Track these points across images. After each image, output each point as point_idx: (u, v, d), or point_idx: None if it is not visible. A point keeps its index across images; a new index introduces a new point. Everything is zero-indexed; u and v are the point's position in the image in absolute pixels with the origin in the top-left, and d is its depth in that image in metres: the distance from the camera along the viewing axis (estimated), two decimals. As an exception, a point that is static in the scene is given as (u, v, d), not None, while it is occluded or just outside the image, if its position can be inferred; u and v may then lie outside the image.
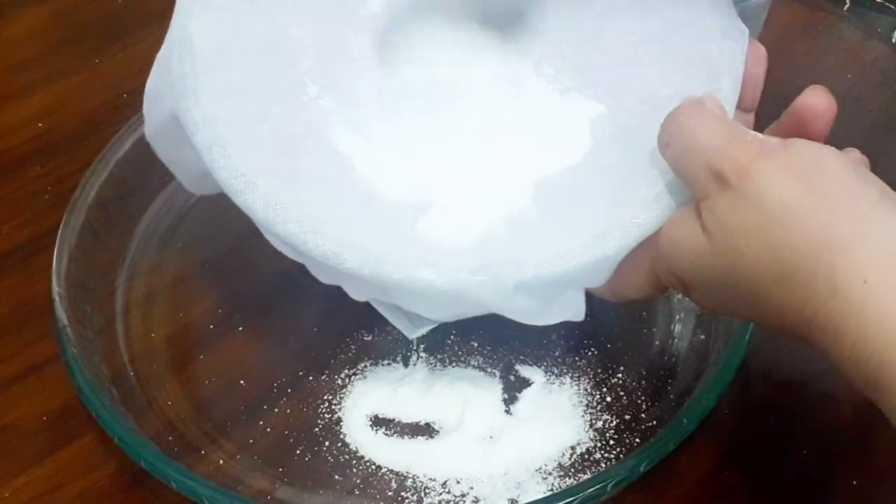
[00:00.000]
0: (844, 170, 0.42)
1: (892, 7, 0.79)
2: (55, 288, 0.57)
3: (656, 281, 0.48)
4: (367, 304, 0.53)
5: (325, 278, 0.52)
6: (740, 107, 0.51)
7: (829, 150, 0.43)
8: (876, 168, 0.45)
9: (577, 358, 0.57)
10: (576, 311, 0.52)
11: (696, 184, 0.45)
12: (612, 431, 0.54)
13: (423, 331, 0.55)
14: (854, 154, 0.46)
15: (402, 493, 0.52)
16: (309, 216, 0.49)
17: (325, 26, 0.53)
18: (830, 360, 0.42)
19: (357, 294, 0.52)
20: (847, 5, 0.79)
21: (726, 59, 0.50)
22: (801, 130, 0.47)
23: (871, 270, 0.40)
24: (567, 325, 0.58)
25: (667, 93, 0.49)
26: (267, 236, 0.50)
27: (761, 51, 0.51)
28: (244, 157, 0.49)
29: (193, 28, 0.51)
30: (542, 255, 0.48)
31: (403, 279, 0.48)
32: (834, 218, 0.41)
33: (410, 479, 0.53)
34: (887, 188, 0.42)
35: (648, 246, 0.48)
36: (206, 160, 0.50)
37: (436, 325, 0.54)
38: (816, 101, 0.47)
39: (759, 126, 0.50)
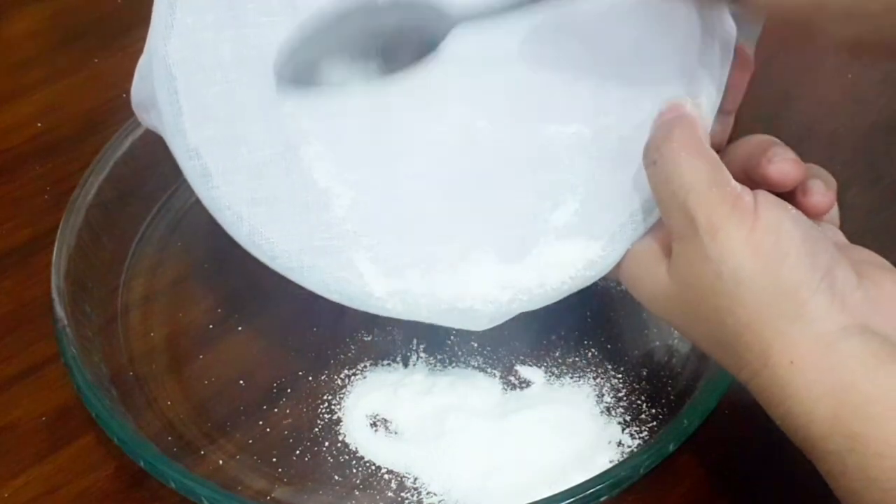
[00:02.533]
0: (799, 249, 0.44)
1: (893, 7, 0.79)
2: (54, 288, 0.57)
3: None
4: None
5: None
6: (721, 110, 0.51)
7: (792, 224, 0.45)
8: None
9: (577, 358, 0.57)
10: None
11: (671, 217, 0.47)
12: (613, 432, 0.54)
13: None
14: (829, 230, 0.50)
15: (402, 494, 0.52)
16: (292, 250, 0.52)
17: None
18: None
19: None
20: (847, 5, 0.79)
21: (708, 67, 0.50)
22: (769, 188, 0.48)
23: (797, 352, 0.43)
24: (567, 325, 0.58)
25: (647, 105, 0.50)
26: None
27: (747, 56, 0.52)
28: (228, 186, 0.52)
29: (169, 46, 0.52)
30: (497, 301, 0.52)
31: (379, 310, 0.52)
32: (776, 300, 0.44)
33: (410, 480, 0.53)
34: (832, 268, 0.45)
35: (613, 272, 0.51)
36: (195, 189, 0.52)
37: None
38: (784, 175, 0.48)
39: (751, 128, 0.51)
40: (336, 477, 0.53)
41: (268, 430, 0.55)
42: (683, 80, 0.50)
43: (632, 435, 0.54)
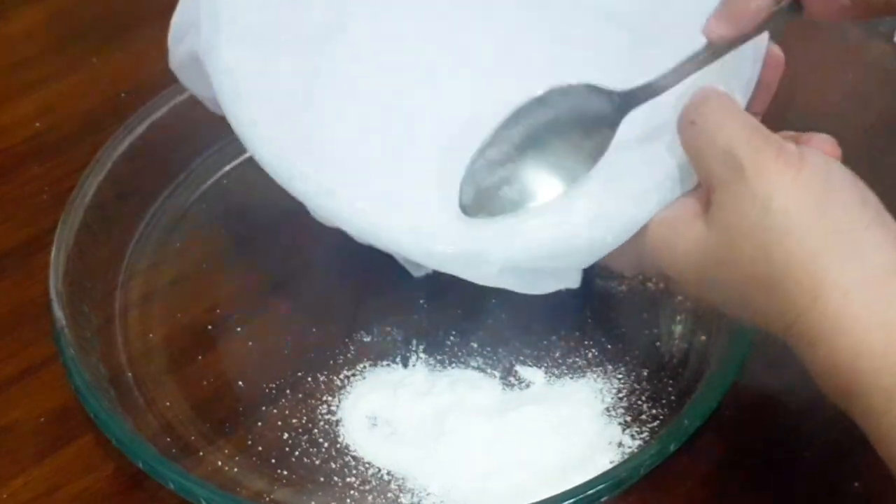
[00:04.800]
0: (849, 190, 0.44)
1: (893, 7, 0.79)
2: (53, 288, 0.57)
3: (639, 269, 0.52)
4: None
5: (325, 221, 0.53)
6: (749, 111, 0.50)
7: (839, 168, 0.45)
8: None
9: (577, 358, 0.57)
10: (572, 279, 0.52)
11: (710, 169, 0.45)
12: (613, 432, 0.54)
13: (425, 271, 0.56)
14: None
15: (401, 495, 0.52)
16: (317, 175, 0.51)
17: None
18: (805, 365, 0.44)
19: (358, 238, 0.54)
20: (847, 5, 0.79)
21: (740, 63, 0.50)
22: None
23: (853, 285, 0.42)
24: (567, 326, 0.58)
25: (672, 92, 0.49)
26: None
27: (778, 56, 0.52)
28: (257, 106, 0.52)
29: None
30: (526, 241, 0.49)
31: (389, 243, 0.50)
32: (829, 234, 0.43)
33: (409, 481, 0.53)
34: (881, 208, 0.44)
35: (636, 241, 0.49)
36: (222, 105, 0.52)
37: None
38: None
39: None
40: (335, 478, 0.53)
41: (267, 430, 0.55)
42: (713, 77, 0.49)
43: (632, 435, 0.54)
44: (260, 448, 0.54)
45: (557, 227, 0.49)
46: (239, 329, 0.60)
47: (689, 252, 0.47)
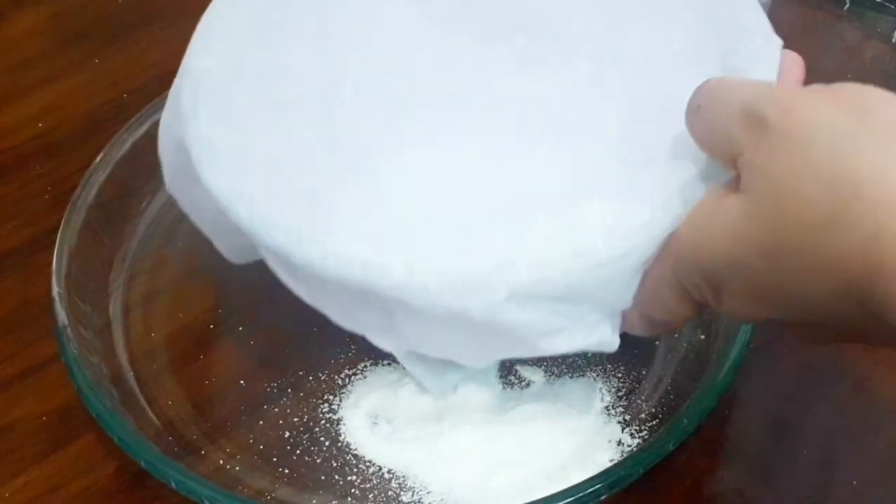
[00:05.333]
0: (892, 100, 0.39)
1: (892, 7, 0.79)
2: (55, 288, 0.57)
3: (682, 292, 0.44)
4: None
5: (307, 297, 0.51)
6: None
7: (873, 87, 0.40)
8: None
9: (576, 357, 0.57)
10: (604, 338, 0.48)
11: (728, 141, 0.41)
12: (612, 431, 0.54)
13: (453, 384, 0.55)
14: None
15: (402, 493, 0.52)
16: (290, 225, 0.48)
17: (327, 51, 0.53)
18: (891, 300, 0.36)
19: (343, 320, 0.52)
20: (847, 5, 0.79)
21: (756, 69, 0.47)
22: None
23: None
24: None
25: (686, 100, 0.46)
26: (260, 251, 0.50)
27: (795, 58, 0.48)
28: (236, 174, 0.49)
29: (199, 62, 0.53)
30: (535, 259, 0.45)
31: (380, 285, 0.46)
32: (891, 143, 0.37)
33: (410, 479, 0.53)
34: None
35: (669, 250, 0.44)
36: (201, 175, 0.50)
37: (463, 373, 0.54)
38: None
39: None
40: (336, 476, 0.53)
41: (268, 429, 0.55)
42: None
43: (632, 434, 0.54)
44: (261, 447, 0.55)
45: (566, 243, 0.45)
46: (240, 328, 0.60)
47: (726, 224, 0.41)
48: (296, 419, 0.56)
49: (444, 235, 0.47)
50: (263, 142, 0.51)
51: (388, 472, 0.53)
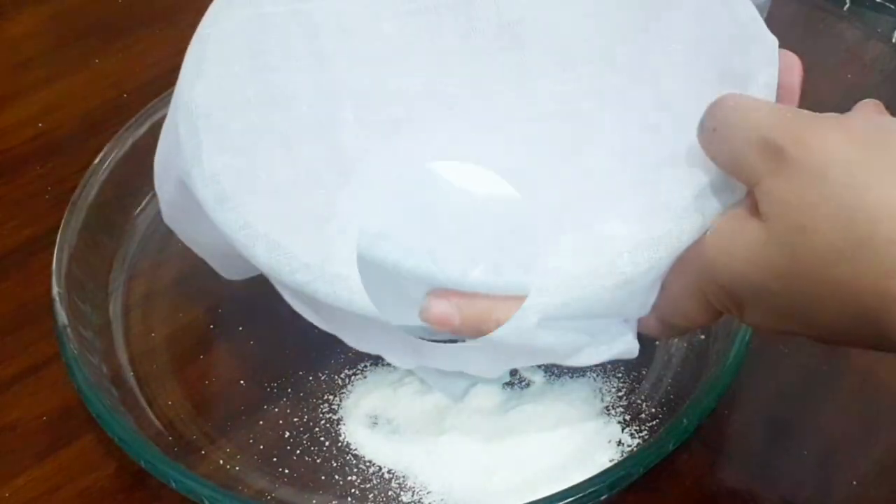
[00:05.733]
0: None
1: (892, 7, 0.79)
2: (55, 288, 0.57)
3: (704, 303, 0.45)
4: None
5: (325, 325, 0.51)
6: None
7: (888, 117, 0.41)
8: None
9: (577, 358, 0.57)
10: (626, 346, 0.48)
11: (746, 167, 0.42)
12: (612, 431, 0.54)
13: (464, 388, 0.55)
14: None
15: (402, 493, 0.52)
16: (312, 262, 0.47)
17: (322, 72, 0.52)
18: None
19: (360, 343, 0.52)
20: (847, 5, 0.79)
21: (755, 70, 0.48)
22: None
23: None
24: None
25: (691, 106, 0.45)
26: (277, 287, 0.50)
27: (793, 58, 0.48)
28: (244, 207, 0.48)
29: (193, 92, 0.51)
30: (563, 281, 0.44)
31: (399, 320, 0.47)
32: None
33: (410, 479, 0.53)
34: None
35: (691, 261, 0.44)
36: (210, 215, 0.49)
37: (476, 382, 0.55)
38: None
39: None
40: (336, 476, 0.53)
41: (268, 429, 0.55)
42: (729, 84, 0.47)
43: (632, 434, 0.54)
44: (261, 446, 0.55)
45: (593, 262, 0.44)
46: (240, 328, 0.60)
47: (749, 247, 0.42)
48: (296, 419, 0.56)
49: (469, 260, 0.46)
50: (270, 172, 0.49)
51: (388, 472, 0.53)
